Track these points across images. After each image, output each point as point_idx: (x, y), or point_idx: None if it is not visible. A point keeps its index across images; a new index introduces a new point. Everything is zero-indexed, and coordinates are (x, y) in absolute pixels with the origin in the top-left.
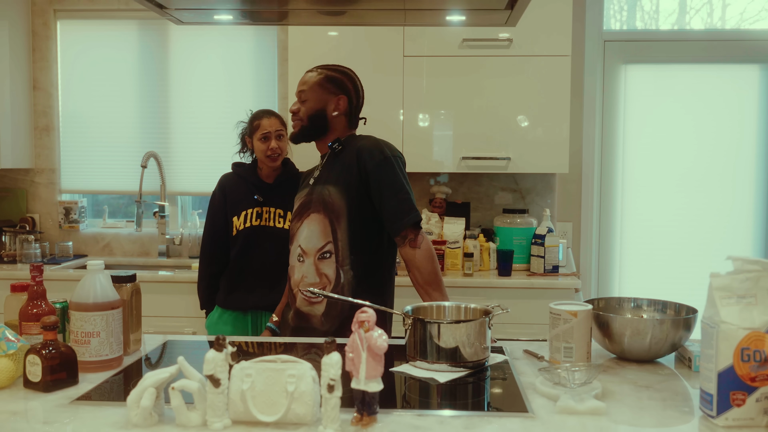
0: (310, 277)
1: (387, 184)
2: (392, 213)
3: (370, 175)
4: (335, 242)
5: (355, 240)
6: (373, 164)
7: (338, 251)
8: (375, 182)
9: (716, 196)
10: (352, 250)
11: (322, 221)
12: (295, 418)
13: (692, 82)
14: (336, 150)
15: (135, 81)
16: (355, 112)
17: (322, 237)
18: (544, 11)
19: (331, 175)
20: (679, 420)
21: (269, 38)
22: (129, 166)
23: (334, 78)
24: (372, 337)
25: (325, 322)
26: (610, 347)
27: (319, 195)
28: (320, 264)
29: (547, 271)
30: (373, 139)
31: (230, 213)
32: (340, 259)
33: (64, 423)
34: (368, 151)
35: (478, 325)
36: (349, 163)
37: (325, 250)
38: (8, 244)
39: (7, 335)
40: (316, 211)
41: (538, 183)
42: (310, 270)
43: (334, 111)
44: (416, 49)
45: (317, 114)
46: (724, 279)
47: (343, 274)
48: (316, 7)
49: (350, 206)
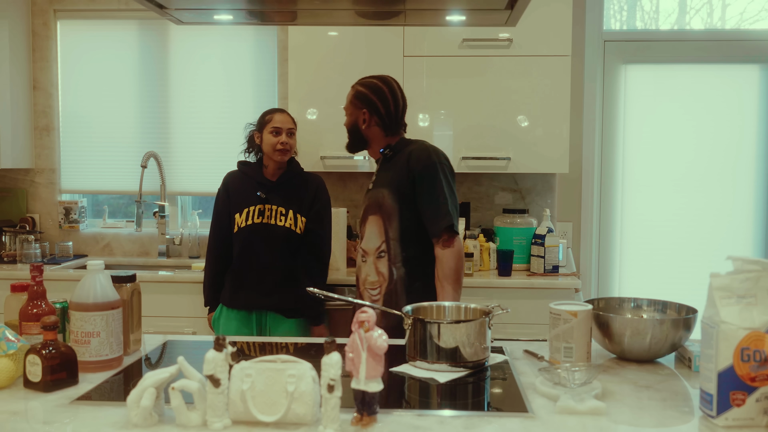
0: (372, 276)
1: (428, 189)
2: (430, 216)
3: (416, 178)
4: (387, 241)
5: (405, 239)
6: (419, 168)
7: (390, 250)
8: (419, 185)
9: (716, 196)
10: (403, 248)
11: (377, 222)
12: (295, 418)
13: (692, 82)
14: (387, 155)
15: (135, 81)
16: (389, 119)
17: (378, 237)
18: (544, 11)
19: (385, 179)
20: (679, 420)
21: (269, 38)
22: (129, 166)
23: (359, 93)
24: (372, 337)
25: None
26: (610, 347)
27: (374, 198)
28: (378, 263)
29: (547, 271)
30: (424, 144)
31: (233, 210)
32: (392, 257)
33: (64, 423)
34: (417, 156)
35: (478, 325)
36: (400, 167)
37: (381, 250)
38: (8, 244)
39: (7, 335)
40: (373, 213)
41: (538, 183)
42: (371, 269)
43: (363, 124)
44: (416, 49)
45: (353, 128)
46: (724, 279)
47: (396, 271)
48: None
49: (401, 207)
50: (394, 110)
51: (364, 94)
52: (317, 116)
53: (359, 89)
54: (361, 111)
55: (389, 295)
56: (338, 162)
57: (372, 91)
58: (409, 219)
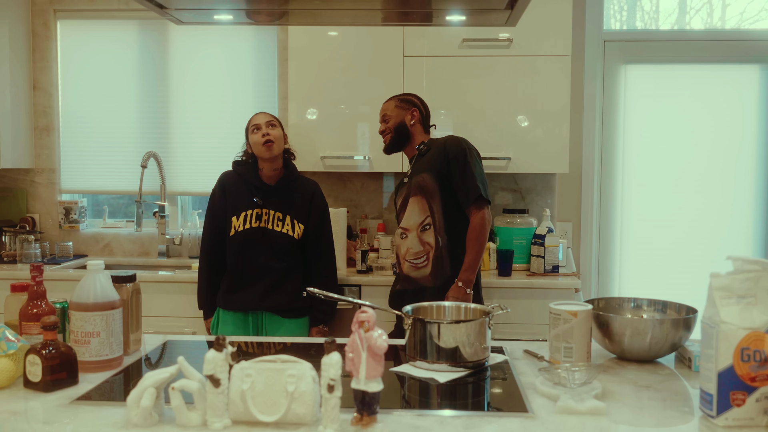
0: (415, 247)
1: (462, 168)
2: (463, 189)
3: (451, 160)
4: (432, 215)
5: (447, 211)
6: (454, 152)
7: (435, 222)
8: (453, 166)
9: (716, 195)
10: (445, 219)
11: (420, 201)
12: (295, 418)
13: (692, 82)
14: (423, 151)
15: (135, 81)
16: (426, 120)
17: (421, 214)
18: (544, 11)
19: (423, 166)
20: (679, 420)
21: (269, 38)
22: (129, 166)
23: (404, 98)
24: (372, 337)
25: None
26: (610, 347)
27: (415, 183)
28: (422, 235)
29: (547, 271)
30: (455, 136)
31: (230, 213)
32: (438, 228)
33: (64, 423)
34: (451, 143)
35: (478, 325)
36: (438, 154)
37: (425, 223)
38: (8, 244)
39: (7, 335)
40: (414, 195)
41: (538, 183)
42: (414, 242)
43: (411, 121)
44: (416, 49)
45: (400, 126)
46: (724, 279)
47: (440, 239)
48: (316, 7)
49: (441, 186)
50: (426, 113)
51: (408, 99)
52: (317, 116)
53: (401, 96)
54: (410, 110)
55: (437, 260)
56: (338, 162)
57: (414, 97)
58: (449, 196)
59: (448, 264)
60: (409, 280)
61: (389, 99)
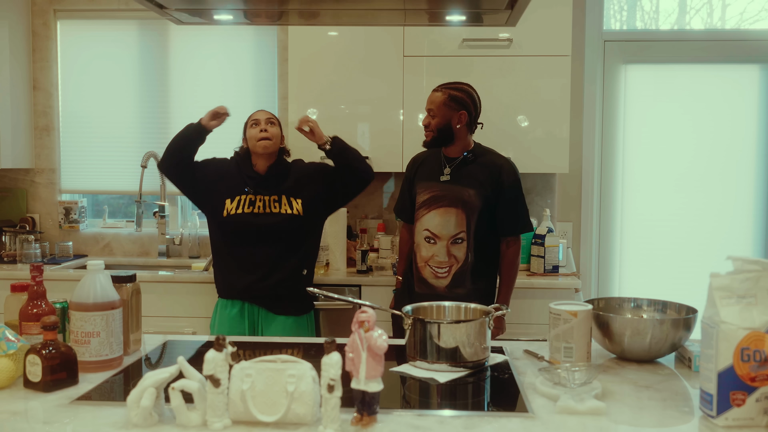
0: (441, 257)
1: (514, 200)
2: (510, 220)
3: (506, 189)
4: (468, 231)
5: (480, 231)
6: (510, 182)
7: (469, 239)
8: (506, 196)
9: (716, 195)
10: (476, 238)
11: (459, 215)
12: (295, 418)
13: (692, 82)
14: (469, 160)
15: (135, 81)
16: (474, 121)
17: (457, 227)
18: (544, 11)
19: (470, 180)
20: (679, 420)
21: (269, 38)
22: (129, 166)
23: (455, 97)
24: (372, 337)
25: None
26: (610, 347)
27: (456, 193)
28: (452, 247)
29: (547, 271)
30: (507, 159)
31: (225, 193)
32: (470, 244)
33: (64, 423)
34: (509, 172)
35: (478, 325)
36: (489, 173)
37: (458, 237)
38: (8, 244)
39: (7, 335)
40: (452, 206)
41: (538, 183)
42: (441, 251)
43: (457, 124)
44: (416, 49)
45: (444, 127)
46: (724, 279)
47: (470, 256)
48: (316, 7)
49: (483, 206)
50: (479, 112)
51: (460, 98)
52: (317, 116)
53: (454, 93)
54: (459, 113)
55: (459, 274)
56: None
57: (467, 95)
58: (487, 218)
59: (469, 281)
60: (426, 284)
61: (440, 88)
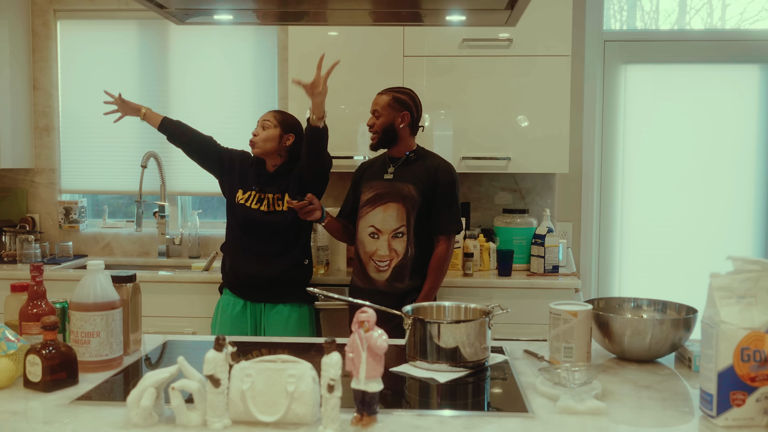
0: (383, 250)
1: (448, 199)
2: (445, 217)
3: (440, 187)
4: (408, 225)
5: (421, 226)
6: (445, 181)
7: (409, 232)
8: (440, 192)
9: (716, 195)
10: (416, 232)
11: (400, 209)
12: (295, 418)
13: (692, 82)
14: (412, 159)
15: (135, 81)
16: (416, 123)
17: (398, 221)
18: (544, 11)
19: (410, 177)
20: (679, 420)
21: (269, 38)
22: (129, 166)
23: (399, 99)
24: (372, 337)
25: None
26: (610, 347)
27: (398, 189)
28: (393, 241)
29: (547, 271)
30: (446, 161)
31: (239, 184)
32: (410, 238)
33: (64, 423)
34: (445, 171)
35: (478, 325)
36: (426, 172)
37: (399, 231)
38: (8, 244)
39: (7, 335)
40: (394, 201)
41: (538, 183)
42: (383, 245)
43: (401, 124)
44: (416, 49)
45: (388, 127)
46: (724, 279)
47: (410, 249)
48: (315, 8)
49: (422, 202)
50: (418, 116)
51: (403, 100)
52: None
53: (397, 95)
54: (402, 113)
55: (398, 268)
56: (338, 162)
57: (409, 98)
58: (425, 212)
59: (408, 276)
60: (369, 279)
61: (385, 92)
